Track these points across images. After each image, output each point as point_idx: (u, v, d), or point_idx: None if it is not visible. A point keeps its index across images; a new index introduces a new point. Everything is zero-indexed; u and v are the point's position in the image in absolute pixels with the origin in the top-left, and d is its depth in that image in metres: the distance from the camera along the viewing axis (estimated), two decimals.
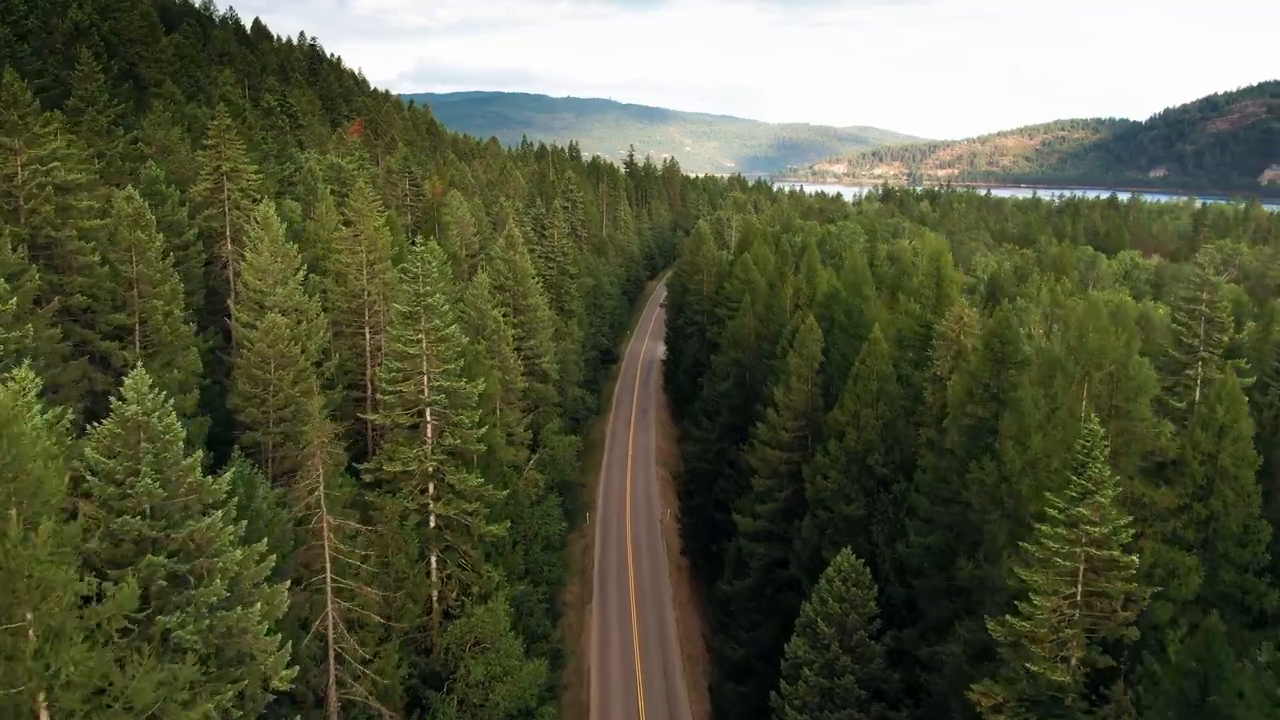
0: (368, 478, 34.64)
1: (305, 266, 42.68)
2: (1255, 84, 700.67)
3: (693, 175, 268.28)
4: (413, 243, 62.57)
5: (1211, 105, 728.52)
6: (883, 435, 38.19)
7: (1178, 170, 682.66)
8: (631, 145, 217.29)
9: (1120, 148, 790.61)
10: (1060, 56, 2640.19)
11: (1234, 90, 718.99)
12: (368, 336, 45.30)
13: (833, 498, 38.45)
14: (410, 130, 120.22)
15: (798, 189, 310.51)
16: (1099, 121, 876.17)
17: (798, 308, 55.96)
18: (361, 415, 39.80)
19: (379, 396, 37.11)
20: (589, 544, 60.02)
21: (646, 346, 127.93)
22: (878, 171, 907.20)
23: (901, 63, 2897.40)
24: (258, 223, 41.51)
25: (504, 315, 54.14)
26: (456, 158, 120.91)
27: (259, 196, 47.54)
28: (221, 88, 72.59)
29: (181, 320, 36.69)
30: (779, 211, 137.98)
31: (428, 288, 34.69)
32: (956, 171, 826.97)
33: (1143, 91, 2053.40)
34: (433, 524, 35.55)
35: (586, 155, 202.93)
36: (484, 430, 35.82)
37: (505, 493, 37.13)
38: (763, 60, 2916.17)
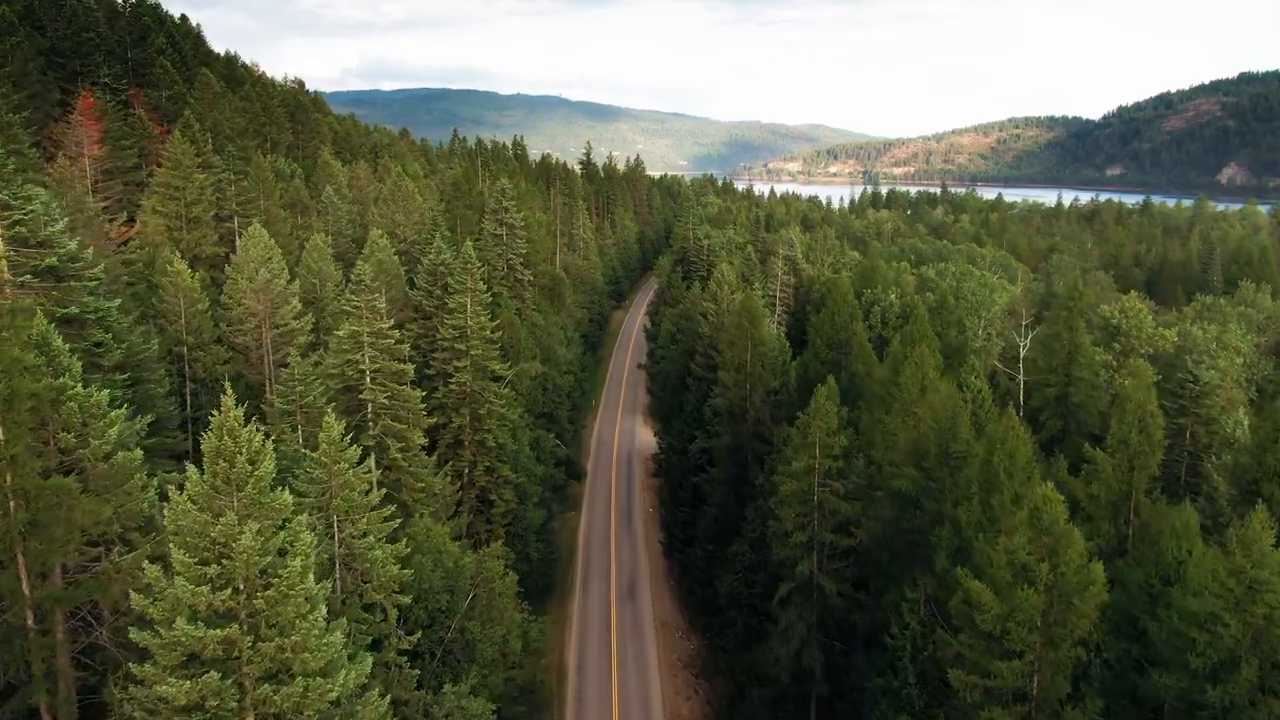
0: None
1: None
2: (1208, 82, 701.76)
3: (655, 175, 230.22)
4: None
5: (1165, 103, 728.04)
6: None
7: (1135, 169, 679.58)
8: (588, 142, 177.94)
9: (1075, 146, 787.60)
10: (1009, 57, 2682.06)
11: (1186, 89, 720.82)
12: None
13: None
14: (260, 115, 79.28)
15: (772, 190, 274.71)
16: (1052, 119, 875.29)
17: None
18: None
19: None
20: None
21: (620, 429, 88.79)
22: (832, 169, 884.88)
23: (851, 61, 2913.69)
24: None
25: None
26: (332, 158, 79.91)
27: None
28: None
29: None
30: (821, 239, 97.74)
31: None
32: (912, 170, 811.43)
33: (1093, 91, 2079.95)
34: None
35: (536, 153, 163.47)
36: None
37: None
38: (714, 58, 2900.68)
